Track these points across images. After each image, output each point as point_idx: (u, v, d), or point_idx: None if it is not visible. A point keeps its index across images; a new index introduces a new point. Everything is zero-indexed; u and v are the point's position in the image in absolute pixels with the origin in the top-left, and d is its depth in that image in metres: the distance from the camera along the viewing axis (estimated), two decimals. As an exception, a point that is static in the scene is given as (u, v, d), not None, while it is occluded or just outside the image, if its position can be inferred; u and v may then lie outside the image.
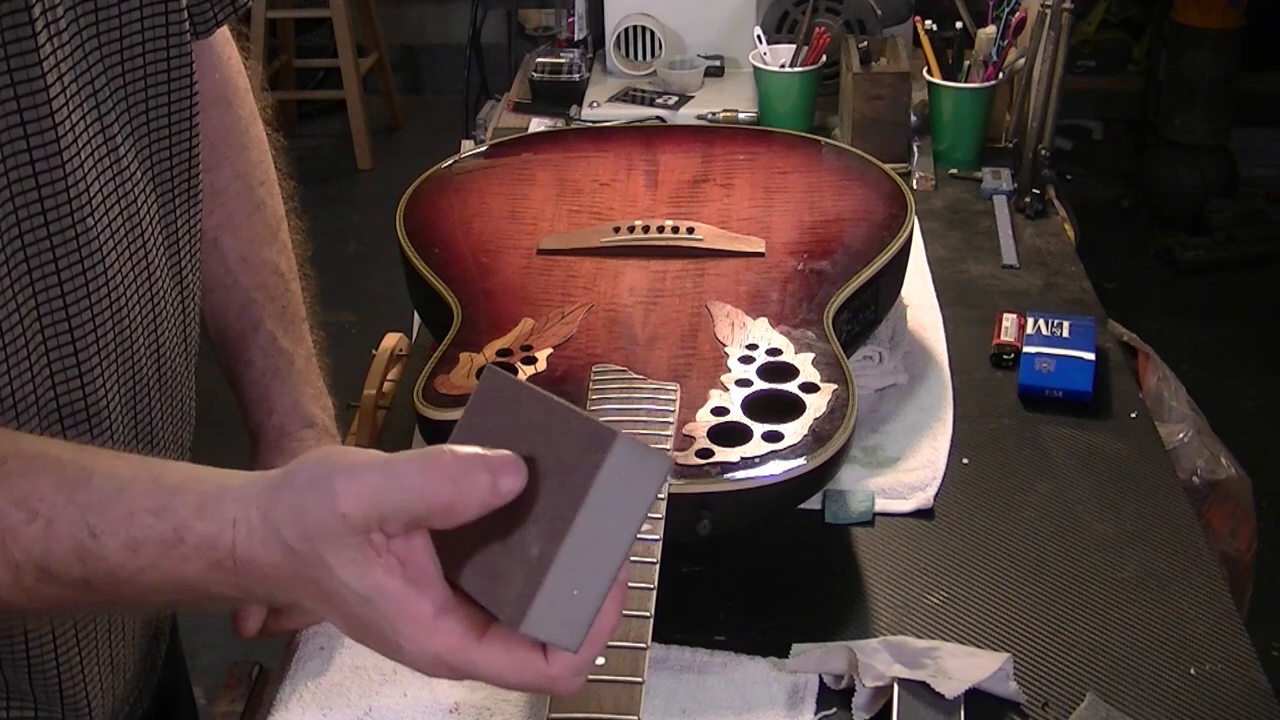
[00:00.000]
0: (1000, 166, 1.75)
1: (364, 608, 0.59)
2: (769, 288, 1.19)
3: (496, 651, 0.59)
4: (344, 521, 0.58)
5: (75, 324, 0.77)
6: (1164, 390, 1.44)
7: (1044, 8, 1.66)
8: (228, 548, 0.61)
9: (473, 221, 1.31)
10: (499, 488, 0.57)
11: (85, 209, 0.75)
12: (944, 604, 1.01)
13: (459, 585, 0.60)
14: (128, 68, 0.80)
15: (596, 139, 1.54)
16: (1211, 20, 3.72)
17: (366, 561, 0.58)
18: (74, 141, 0.74)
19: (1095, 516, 1.11)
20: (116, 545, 0.63)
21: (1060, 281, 1.49)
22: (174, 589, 0.64)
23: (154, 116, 0.83)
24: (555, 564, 0.56)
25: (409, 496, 0.57)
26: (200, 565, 0.62)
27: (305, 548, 0.59)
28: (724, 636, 0.97)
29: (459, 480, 0.57)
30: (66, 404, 0.77)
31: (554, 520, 0.57)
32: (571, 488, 0.57)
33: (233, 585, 0.63)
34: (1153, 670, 0.94)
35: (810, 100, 1.90)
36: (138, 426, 0.85)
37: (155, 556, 0.63)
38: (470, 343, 1.11)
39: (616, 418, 0.99)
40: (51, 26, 0.72)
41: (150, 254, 0.83)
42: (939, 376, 1.29)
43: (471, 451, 0.58)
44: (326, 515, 0.59)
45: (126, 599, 0.66)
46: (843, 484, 1.12)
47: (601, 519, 0.57)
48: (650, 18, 2.06)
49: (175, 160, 0.86)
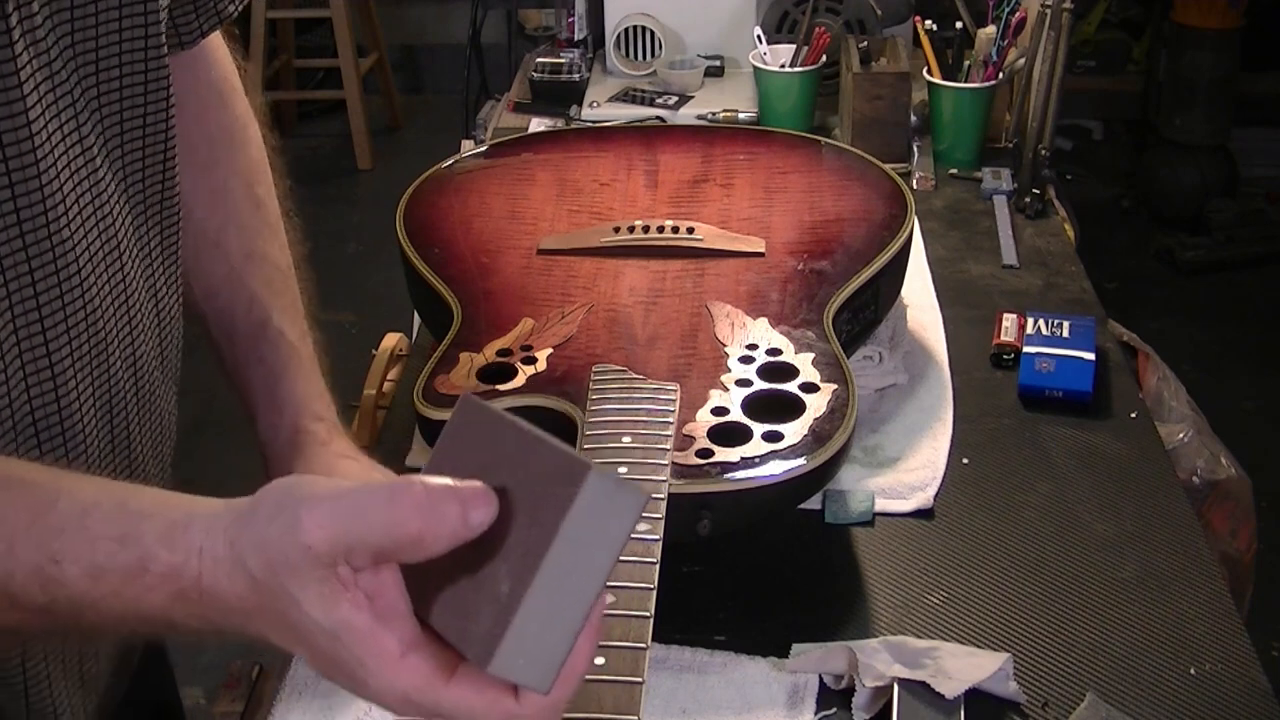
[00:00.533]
0: (1000, 166, 1.75)
1: (330, 643, 0.57)
2: (769, 288, 1.19)
3: (465, 691, 0.57)
4: (308, 553, 0.56)
5: (51, 340, 0.75)
6: (1164, 390, 1.44)
7: (1044, 8, 1.66)
8: (193, 578, 0.59)
9: (473, 221, 1.31)
10: (469, 520, 0.55)
11: (62, 222, 0.74)
12: (944, 604, 1.01)
13: (428, 622, 0.58)
14: (103, 79, 0.78)
15: (596, 139, 1.54)
16: (1211, 20, 3.72)
17: (333, 596, 0.57)
18: (50, 153, 0.73)
19: (1095, 516, 1.11)
20: (78, 572, 0.61)
21: (1060, 281, 1.49)
22: (137, 619, 0.62)
23: (128, 131, 0.82)
24: (524, 602, 0.54)
25: (375, 528, 0.56)
26: (164, 595, 0.60)
27: (271, 580, 0.57)
28: (724, 636, 0.97)
29: (427, 512, 0.55)
30: (42, 419, 0.76)
31: (524, 556, 0.55)
32: (543, 522, 0.55)
33: (198, 617, 0.60)
34: (1153, 670, 0.94)
35: (810, 100, 1.90)
36: (114, 444, 0.84)
37: (118, 585, 0.60)
38: (470, 343, 1.11)
39: (616, 418, 0.99)
40: (28, 36, 0.71)
41: (127, 269, 0.82)
42: (939, 376, 1.29)
43: (441, 483, 0.56)
44: (290, 547, 0.56)
45: (90, 627, 0.63)
46: (843, 484, 1.12)
47: (573, 555, 0.54)
48: (650, 18, 2.06)
49: (149, 175, 0.85)
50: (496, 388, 1.04)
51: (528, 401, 1.03)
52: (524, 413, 1.03)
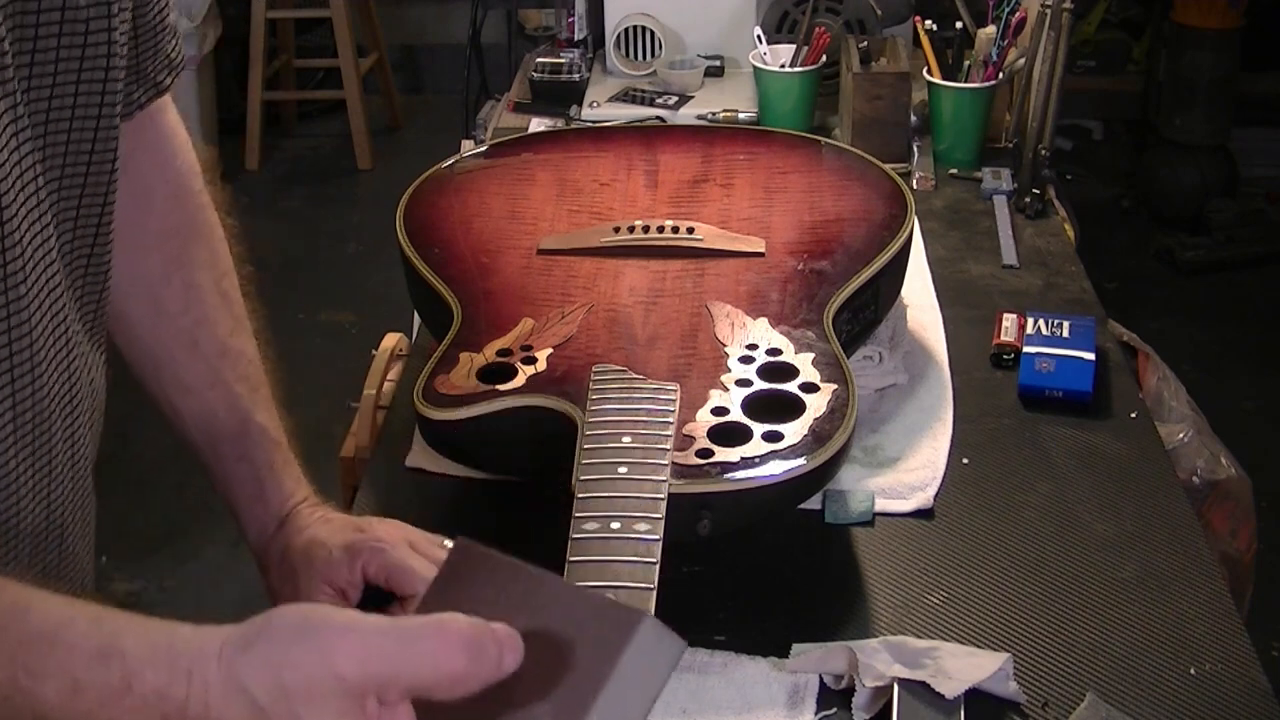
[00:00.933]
0: (1000, 166, 1.75)
1: None
2: (769, 288, 1.19)
3: None
4: (339, 683, 0.55)
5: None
6: (1164, 390, 1.44)
7: (1044, 8, 1.66)
8: (179, 702, 0.57)
9: (473, 221, 1.31)
10: (504, 663, 0.56)
11: (19, 276, 0.73)
12: (944, 604, 1.01)
13: None
14: (50, 140, 0.76)
15: (596, 139, 1.54)
16: (1211, 20, 3.71)
17: None
18: (13, 203, 0.72)
19: (1095, 516, 1.11)
20: (54, 688, 0.58)
21: (1060, 281, 1.49)
22: None
23: (65, 194, 0.79)
24: None
25: (423, 665, 0.55)
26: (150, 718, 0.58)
27: (277, 706, 0.56)
28: (724, 636, 0.96)
29: (475, 651, 0.55)
30: None
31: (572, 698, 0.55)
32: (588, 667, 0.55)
33: None
34: (1153, 670, 0.94)
35: (810, 100, 1.90)
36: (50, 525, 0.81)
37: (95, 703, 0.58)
38: (470, 343, 1.11)
39: (616, 418, 0.99)
40: (3, 87, 0.70)
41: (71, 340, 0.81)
42: (939, 376, 1.29)
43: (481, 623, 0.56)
44: (318, 672, 0.55)
45: None
46: (843, 484, 1.12)
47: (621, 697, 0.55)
48: (650, 18, 2.06)
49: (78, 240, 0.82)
50: (497, 388, 1.04)
51: (528, 401, 1.03)
52: (524, 413, 1.03)
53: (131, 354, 0.98)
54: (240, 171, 4.33)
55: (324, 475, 1.43)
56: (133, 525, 2.64)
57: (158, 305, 0.97)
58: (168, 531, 2.63)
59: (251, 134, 4.34)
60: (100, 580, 0.94)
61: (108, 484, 0.93)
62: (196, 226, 1.00)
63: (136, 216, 0.93)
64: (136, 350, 0.98)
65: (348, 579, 0.91)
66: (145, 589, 2.54)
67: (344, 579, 0.91)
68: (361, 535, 0.93)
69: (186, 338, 0.97)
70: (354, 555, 0.91)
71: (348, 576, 0.91)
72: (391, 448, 1.21)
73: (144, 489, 2.75)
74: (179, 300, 0.97)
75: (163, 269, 0.97)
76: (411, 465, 1.17)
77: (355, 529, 0.94)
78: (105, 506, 0.94)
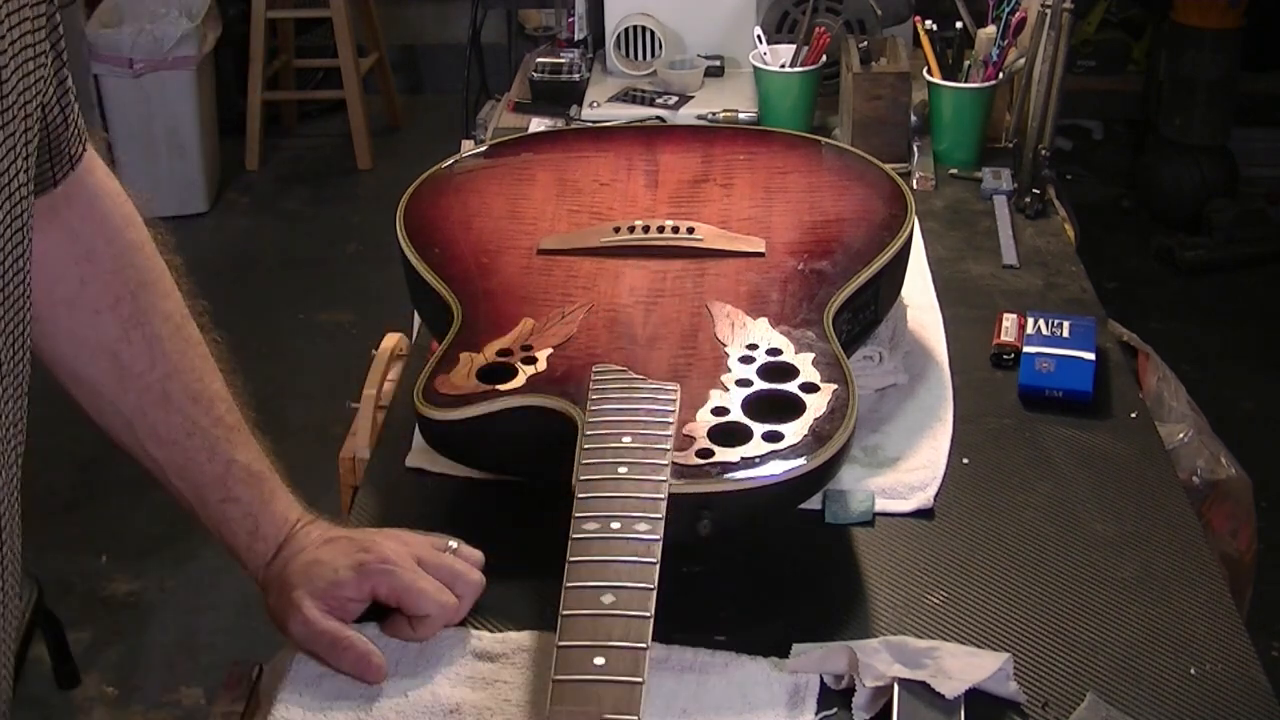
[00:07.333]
0: (1000, 166, 1.75)
1: None
2: (769, 288, 1.19)
3: None
4: None
5: None
6: (1164, 390, 1.44)
7: (1044, 8, 1.66)
8: None
9: (473, 221, 1.31)
10: None
11: None
12: (944, 604, 1.01)
13: None
14: None
15: (596, 139, 1.54)
16: (1211, 20, 3.71)
17: None
18: None
19: (1095, 516, 1.11)
20: None
21: (1060, 281, 1.49)
22: None
23: None
24: None
25: None
26: None
27: None
28: (724, 636, 0.96)
29: None
30: None
31: None
32: None
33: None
34: (1153, 670, 0.94)
35: (810, 100, 1.90)
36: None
37: None
38: (470, 343, 1.11)
39: (616, 418, 0.99)
40: None
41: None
42: (939, 376, 1.29)
43: None
44: None
45: None
46: (843, 484, 1.12)
47: None
48: (650, 18, 2.06)
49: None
50: (497, 387, 1.04)
51: (528, 401, 1.03)
52: (524, 413, 1.03)
53: (101, 417, 0.98)
54: (240, 171, 4.33)
55: (324, 475, 1.44)
56: (133, 525, 2.64)
57: (120, 366, 0.96)
58: (168, 531, 2.62)
59: (251, 134, 4.34)
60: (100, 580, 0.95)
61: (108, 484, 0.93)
62: (145, 278, 0.99)
63: (82, 282, 0.94)
64: (107, 413, 0.98)
65: (353, 598, 0.95)
66: (145, 589, 2.53)
67: (349, 597, 0.95)
68: (368, 556, 0.95)
69: (157, 392, 0.97)
70: (363, 576, 0.95)
71: (354, 595, 0.95)
72: (391, 448, 1.21)
73: (144, 489, 2.74)
74: (143, 358, 0.97)
75: (120, 329, 0.96)
76: (411, 465, 1.17)
77: (360, 549, 0.96)
78: (105, 506, 0.95)
